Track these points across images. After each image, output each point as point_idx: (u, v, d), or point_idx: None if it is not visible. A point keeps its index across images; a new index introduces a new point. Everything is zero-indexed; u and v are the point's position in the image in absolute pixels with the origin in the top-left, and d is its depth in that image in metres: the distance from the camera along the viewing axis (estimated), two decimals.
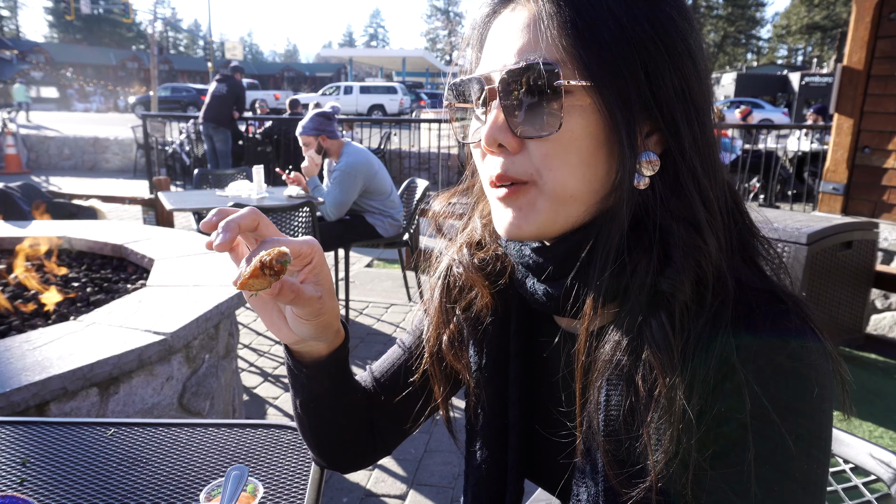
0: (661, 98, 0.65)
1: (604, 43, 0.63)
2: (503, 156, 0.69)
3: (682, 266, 0.63)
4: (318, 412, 0.90)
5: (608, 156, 0.66)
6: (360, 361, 3.97)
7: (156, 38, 30.06)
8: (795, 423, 0.60)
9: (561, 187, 0.67)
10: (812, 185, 8.36)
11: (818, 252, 3.73)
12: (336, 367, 0.86)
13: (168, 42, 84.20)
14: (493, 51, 0.71)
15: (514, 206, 0.70)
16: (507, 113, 0.68)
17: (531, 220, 0.69)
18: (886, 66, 4.74)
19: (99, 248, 3.34)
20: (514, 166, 0.69)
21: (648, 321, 0.64)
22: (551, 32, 0.65)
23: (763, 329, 0.61)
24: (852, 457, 1.05)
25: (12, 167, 13.17)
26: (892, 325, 4.60)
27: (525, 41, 0.66)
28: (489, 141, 0.68)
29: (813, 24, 59.52)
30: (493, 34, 0.72)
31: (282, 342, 0.85)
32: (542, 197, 0.68)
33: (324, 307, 0.76)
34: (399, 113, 28.63)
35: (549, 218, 0.69)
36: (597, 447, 0.68)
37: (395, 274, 5.90)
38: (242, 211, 0.72)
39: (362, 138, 11.48)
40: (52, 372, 1.77)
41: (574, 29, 0.64)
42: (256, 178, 4.64)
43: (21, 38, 65.80)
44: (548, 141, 0.66)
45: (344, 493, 2.65)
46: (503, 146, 0.68)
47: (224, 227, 0.70)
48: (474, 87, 0.71)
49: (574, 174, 0.67)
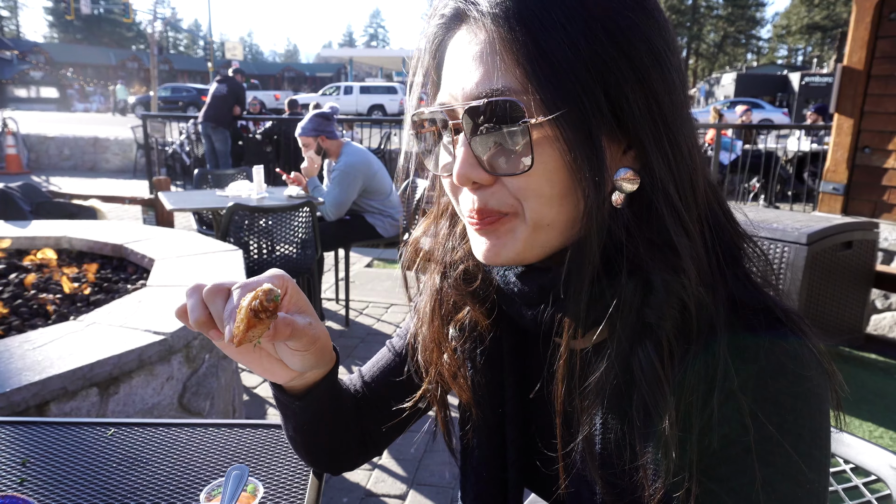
0: (627, 119, 0.61)
1: (559, 69, 0.58)
2: (477, 190, 0.66)
3: (664, 295, 0.61)
4: (310, 431, 0.91)
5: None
6: (361, 361, 3.97)
7: (156, 38, 30.04)
8: (797, 443, 0.59)
9: (539, 217, 0.64)
10: (812, 185, 8.36)
11: (818, 252, 3.72)
12: (329, 389, 0.86)
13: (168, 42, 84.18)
14: (452, 78, 0.66)
15: (493, 235, 0.67)
16: (476, 149, 0.64)
17: (509, 247, 0.67)
18: (886, 66, 4.73)
19: (99, 248, 3.33)
20: (494, 199, 0.66)
21: (636, 351, 0.63)
22: (506, 61, 0.60)
23: (760, 353, 0.60)
24: (852, 457, 1.05)
25: (12, 167, 13.17)
26: (892, 325, 4.60)
27: (483, 72, 0.62)
28: (461, 180, 0.65)
29: (813, 24, 59.51)
30: (450, 57, 0.67)
31: (275, 383, 0.84)
32: (523, 226, 0.66)
33: (317, 332, 0.75)
34: (399, 113, 28.57)
35: (528, 245, 0.66)
36: (593, 470, 0.68)
37: (395, 274, 5.90)
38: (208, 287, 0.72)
39: (362, 138, 11.46)
40: (52, 372, 1.77)
41: (528, 56, 0.59)
42: (256, 178, 4.64)
43: (21, 38, 65.83)
44: (521, 176, 0.63)
45: (344, 493, 2.65)
46: (476, 182, 0.65)
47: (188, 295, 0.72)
48: (438, 117, 0.67)
49: (551, 205, 0.64)
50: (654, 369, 0.61)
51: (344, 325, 4.63)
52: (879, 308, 4.74)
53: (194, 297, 0.70)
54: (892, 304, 4.69)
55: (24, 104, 39.79)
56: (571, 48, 0.58)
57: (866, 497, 1.03)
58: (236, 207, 3.77)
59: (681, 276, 0.61)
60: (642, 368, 0.62)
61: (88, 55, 58.61)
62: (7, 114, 14.63)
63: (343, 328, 4.59)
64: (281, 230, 3.98)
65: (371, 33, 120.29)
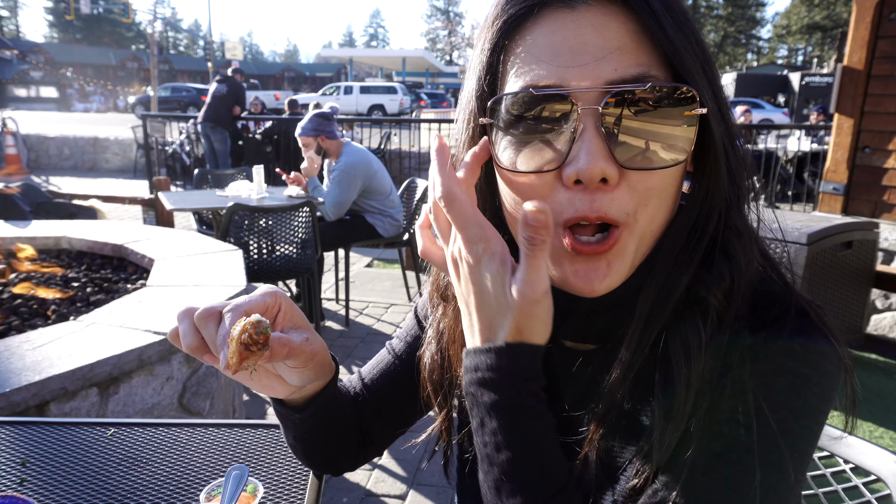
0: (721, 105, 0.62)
1: (695, 61, 0.58)
2: (596, 192, 0.57)
3: (724, 274, 0.60)
4: (311, 440, 0.90)
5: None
6: (361, 361, 3.97)
7: (156, 38, 30.04)
8: (790, 420, 0.57)
9: (648, 224, 0.60)
10: (812, 185, 8.35)
11: (818, 252, 3.72)
12: (329, 399, 0.85)
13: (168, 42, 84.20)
14: (567, 58, 0.57)
15: (602, 261, 0.59)
16: (609, 139, 0.57)
17: (616, 272, 0.60)
18: (887, 66, 4.73)
19: (99, 248, 3.33)
20: (614, 205, 0.58)
21: (681, 327, 0.60)
22: (649, 49, 0.57)
23: (780, 336, 0.59)
24: (852, 457, 1.05)
25: (12, 167, 13.16)
26: (892, 325, 4.60)
27: (625, 56, 0.57)
28: (590, 174, 0.55)
29: (813, 24, 59.50)
30: (557, 35, 0.58)
31: (274, 398, 0.82)
32: (631, 242, 0.60)
33: (314, 347, 0.74)
34: (399, 113, 28.62)
35: (633, 265, 0.61)
36: (604, 454, 0.65)
37: (395, 274, 5.90)
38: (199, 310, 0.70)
39: (362, 138, 11.47)
40: (52, 372, 1.77)
41: (673, 47, 0.57)
42: (256, 178, 4.64)
43: (21, 38, 65.85)
44: (655, 174, 0.58)
45: (344, 493, 2.65)
46: (603, 180, 0.57)
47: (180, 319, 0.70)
48: (548, 104, 0.58)
49: (664, 207, 0.60)
50: (699, 341, 0.58)
51: (344, 325, 4.63)
52: (879, 308, 4.74)
53: (186, 322, 0.69)
54: (892, 304, 4.69)
55: (23, 104, 39.78)
56: (697, 45, 0.59)
57: (866, 497, 1.03)
58: (236, 207, 3.77)
59: (743, 257, 0.61)
60: (687, 340, 0.59)
61: (88, 55, 58.62)
62: (7, 114, 14.62)
63: (343, 328, 4.59)
64: (281, 230, 3.98)
65: (371, 33, 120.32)
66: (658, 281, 0.61)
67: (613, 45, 0.57)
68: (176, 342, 0.70)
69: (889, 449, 1.01)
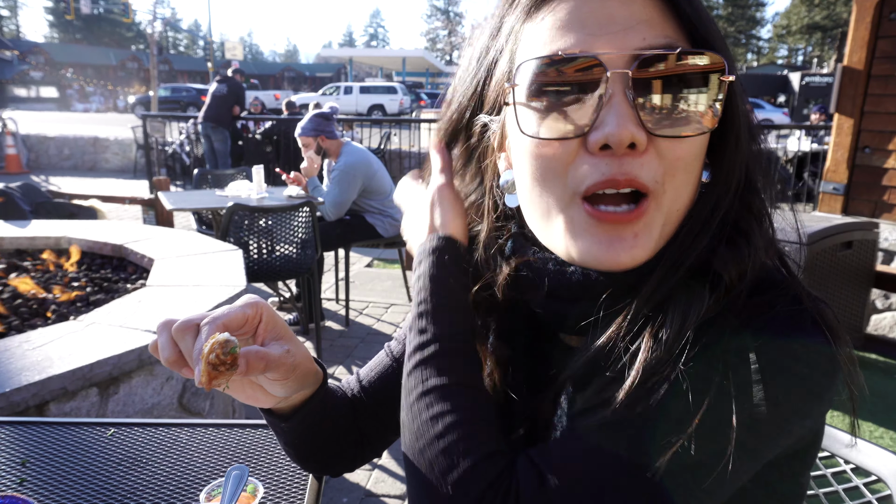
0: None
1: (717, 34, 0.61)
2: (624, 157, 0.56)
3: (744, 255, 0.59)
4: (302, 445, 0.90)
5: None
6: (361, 361, 3.97)
7: (155, 38, 30.07)
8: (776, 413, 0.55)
9: (674, 201, 0.59)
10: (812, 185, 8.36)
11: (818, 252, 3.72)
12: (317, 407, 0.85)
13: (168, 42, 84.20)
14: (595, 27, 0.57)
15: (629, 231, 0.58)
16: (639, 105, 0.56)
17: (641, 244, 0.58)
18: (887, 66, 4.73)
19: (99, 248, 3.33)
20: (644, 169, 0.57)
21: (689, 293, 0.58)
22: (673, 21, 0.59)
23: (775, 329, 0.57)
24: (852, 457, 1.05)
25: (12, 167, 13.16)
26: (892, 325, 4.60)
27: (652, 25, 0.58)
28: (622, 137, 0.55)
29: (813, 24, 59.52)
30: (584, 8, 0.58)
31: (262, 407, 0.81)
32: (659, 214, 0.59)
33: (296, 359, 0.73)
34: (399, 113, 28.62)
35: (656, 244, 0.59)
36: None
37: (395, 274, 5.90)
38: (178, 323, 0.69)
39: (362, 138, 11.47)
40: (52, 372, 1.77)
41: (699, 18, 0.59)
42: (256, 178, 4.64)
43: (21, 38, 65.93)
44: (683, 142, 0.58)
45: (344, 493, 2.65)
46: (631, 146, 0.56)
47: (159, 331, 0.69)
48: (576, 70, 0.57)
49: (689, 184, 0.60)
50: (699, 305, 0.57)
51: (344, 325, 4.63)
52: (879, 308, 4.74)
53: (164, 335, 0.68)
54: (892, 304, 4.69)
55: (23, 104, 39.82)
56: (715, 24, 0.61)
57: (866, 497, 1.03)
58: (236, 207, 3.77)
59: (760, 241, 0.61)
60: (689, 303, 0.57)
61: (88, 55, 58.62)
62: (7, 114, 14.62)
63: (343, 328, 4.59)
64: (281, 230, 3.98)
65: (371, 33, 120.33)
66: (674, 251, 0.60)
67: (640, 17, 0.58)
68: (156, 354, 0.69)
69: (889, 449, 1.01)
